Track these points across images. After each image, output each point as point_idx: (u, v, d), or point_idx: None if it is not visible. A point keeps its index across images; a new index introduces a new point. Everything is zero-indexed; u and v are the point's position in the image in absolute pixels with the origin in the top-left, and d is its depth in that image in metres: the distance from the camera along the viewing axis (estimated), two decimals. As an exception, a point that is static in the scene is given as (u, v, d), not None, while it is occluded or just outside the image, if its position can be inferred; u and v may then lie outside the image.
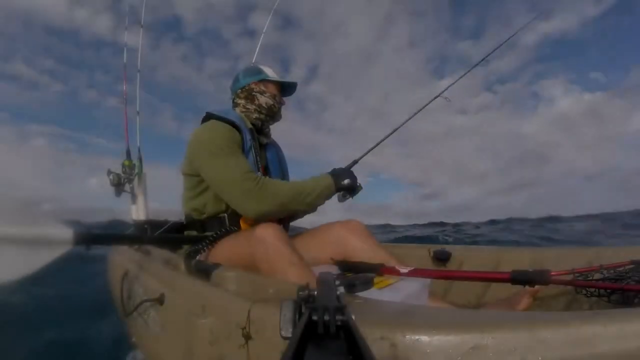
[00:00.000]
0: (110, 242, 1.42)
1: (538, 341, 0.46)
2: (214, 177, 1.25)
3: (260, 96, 1.42)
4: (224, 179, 1.22)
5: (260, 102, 1.42)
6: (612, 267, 0.97)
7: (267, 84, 1.45)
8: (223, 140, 1.25)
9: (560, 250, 1.27)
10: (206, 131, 1.30)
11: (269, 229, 1.07)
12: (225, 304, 0.83)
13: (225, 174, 1.22)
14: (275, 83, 1.46)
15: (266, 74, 1.45)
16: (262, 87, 1.44)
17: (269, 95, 1.43)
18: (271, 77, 1.45)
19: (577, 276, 0.96)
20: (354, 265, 1.17)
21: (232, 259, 1.14)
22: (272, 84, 1.45)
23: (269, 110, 1.43)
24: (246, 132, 1.35)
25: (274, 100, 1.43)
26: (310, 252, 1.27)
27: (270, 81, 1.45)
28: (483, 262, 1.37)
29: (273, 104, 1.43)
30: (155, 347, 1.17)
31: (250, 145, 1.34)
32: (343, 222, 1.30)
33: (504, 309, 1.08)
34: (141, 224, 1.91)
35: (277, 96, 1.45)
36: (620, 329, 0.44)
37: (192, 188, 1.36)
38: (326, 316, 0.30)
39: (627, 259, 0.99)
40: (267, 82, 1.45)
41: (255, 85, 1.44)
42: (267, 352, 0.68)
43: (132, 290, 1.34)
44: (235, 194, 1.21)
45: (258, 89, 1.43)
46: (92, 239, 1.01)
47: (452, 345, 0.49)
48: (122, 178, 2.02)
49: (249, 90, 1.44)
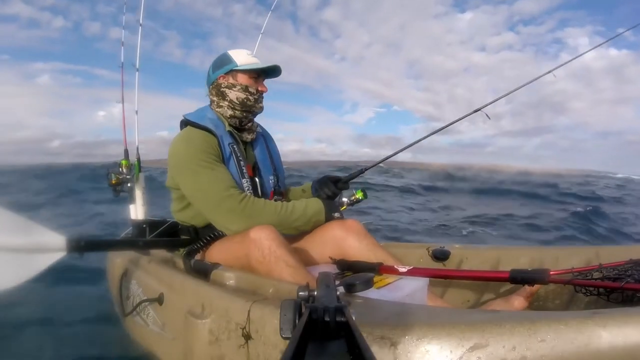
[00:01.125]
0: (104, 249, 1.38)
1: (538, 340, 0.46)
2: (193, 195, 1.19)
3: (230, 91, 1.26)
4: (204, 197, 1.16)
5: (230, 97, 1.26)
6: (611, 266, 0.97)
7: (237, 74, 1.27)
8: (199, 152, 1.16)
9: (559, 249, 1.28)
10: (181, 143, 1.21)
11: (264, 230, 1.05)
12: (225, 304, 0.83)
13: (205, 193, 1.15)
14: (248, 71, 1.27)
15: (234, 63, 1.26)
16: (230, 79, 1.27)
17: (240, 88, 1.26)
18: (240, 65, 1.25)
19: (576, 275, 0.96)
20: (352, 265, 1.17)
21: (228, 260, 1.13)
22: (242, 73, 1.27)
23: (242, 105, 1.27)
24: (224, 137, 1.24)
25: (246, 93, 1.26)
26: (308, 252, 1.27)
27: (239, 70, 1.26)
28: (482, 261, 1.38)
29: (246, 97, 1.26)
30: (154, 347, 1.17)
31: (230, 151, 1.24)
32: (340, 222, 1.28)
33: (503, 308, 1.08)
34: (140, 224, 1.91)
35: (251, 86, 1.27)
36: (620, 328, 0.44)
37: (179, 201, 1.30)
38: (326, 316, 0.30)
39: (626, 258, 0.99)
40: (237, 72, 1.27)
41: (223, 79, 1.27)
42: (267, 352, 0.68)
43: (131, 290, 1.34)
44: (217, 214, 1.16)
45: (226, 84, 1.27)
46: (85, 246, 0.99)
47: (451, 344, 0.49)
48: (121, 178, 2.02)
49: (217, 86, 1.29)
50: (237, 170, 1.24)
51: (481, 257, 1.38)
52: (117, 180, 2.01)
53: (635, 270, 0.92)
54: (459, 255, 1.42)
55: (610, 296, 0.89)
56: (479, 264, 1.38)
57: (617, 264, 0.97)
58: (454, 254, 1.43)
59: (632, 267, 0.94)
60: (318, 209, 1.24)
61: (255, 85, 1.29)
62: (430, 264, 1.46)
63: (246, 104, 1.27)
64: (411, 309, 0.62)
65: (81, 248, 0.98)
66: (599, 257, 1.14)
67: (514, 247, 1.41)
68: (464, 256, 1.42)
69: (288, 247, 1.06)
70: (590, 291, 0.93)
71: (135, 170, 2.10)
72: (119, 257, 1.64)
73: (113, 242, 1.41)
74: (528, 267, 1.19)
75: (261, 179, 1.35)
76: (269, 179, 1.39)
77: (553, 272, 0.94)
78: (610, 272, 0.95)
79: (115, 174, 2.02)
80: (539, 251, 1.29)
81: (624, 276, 0.90)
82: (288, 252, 1.04)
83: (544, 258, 1.25)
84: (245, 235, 1.08)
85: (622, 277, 0.90)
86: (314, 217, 1.24)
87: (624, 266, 0.96)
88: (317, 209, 1.24)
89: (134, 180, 2.09)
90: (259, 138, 1.42)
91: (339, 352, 0.26)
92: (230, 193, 1.14)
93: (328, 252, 1.26)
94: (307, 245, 1.29)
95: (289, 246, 1.08)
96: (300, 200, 1.26)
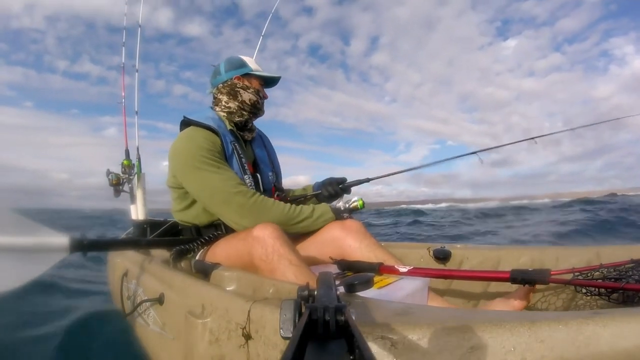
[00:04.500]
0: (106, 248, 1.40)
1: (538, 340, 0.46)
2: (200, 192, 1.21)
3: (244, 92, 1.34)
4: (212, 194, 1.18)
5: (243, 98, 1.34)
6: (612, 266, 0.97)
7: (251, 78, 1.37)
8: (203, 151, 1.18)
9: (560, 249, 1.27)
10: (185, 142, 1.23)
11: (268, 228, 1.06)
12: (225, 304, 0.83)
13: (213, 189, 1.17)
14: (259, 77, 1.38)
15: (250, 67, 1.36)
16: (245, 82, 1.36)
17: (253, 91, 1.35)
18: (255, 71, 1.37)
19: (577, 275, 0.96)
20: (353, 265, 1.17)
21: (230, 258, 1.13)
22: (255, 78, 1.37)
23: (252, 107, 1.36)
24: (227, 136, 1.29)
25: (257, 96, 1.36)
26: (308, 252, 1.27)
27: (254, 75, 1.37)
28: (483, 261, 1.37)
29: (257, 100, 1.36)
30: (155, 347, 1.17)
31: (232, 149, 1.28)
32: (340, 222, 1.28)
33: (503, 308, 1.08)
34: (141, 224, 1.91)
35: (260, 91, 1.38)
36: (620, 328, 0.44)
37: (180, 200, 1.31)
38: (326, 316, 0.30)
39: (627, 258, 0.98)
40: (251, 76, 1.37)
41: (239, 80, 1.35)
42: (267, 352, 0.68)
43: (131, 290, 1.34)
44: (228, 210, 1.17)
45: (242, 85, 1.35)
46: (88, 245, 0.99)
47: (452, 345, 0.49)
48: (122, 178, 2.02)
49: (231, 85, 1.35)
50: (239, 167, 1.28)
51: (482, 257, 1.38)
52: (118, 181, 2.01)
53: (636, 271, 0.91)
54: (459, 255, 1.42)
55: (611, 296, 0.89)
56: (479, 264, 1.38)
57: (618, 264, 0.97)
58: (454, 254, 1.43)
59: (633, 267, 0.94)
60: (325, 210, 1.29)
61: (262, 91, 1.40)
62: (431, 264, 1.46)
63: (256, 106, 1.37)
64: (411, 309, 0.62)
65: (84, 247, 0.98)
66: (600, 257, 1.13)
67: (515, 247, 1.41)
68: (465, 256, 1.42)
69: (291, 246, 1.07)
70: (591, 291, 0.93)
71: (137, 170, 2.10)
72: (119, 258, 1.64)
73: (115, 242, 1.41)
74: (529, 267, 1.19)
75: (262, 175, 1.40)
76: (268, 175, 1.44)
77: (554, 272, 0.94)
78: (611, 272, 0.95)
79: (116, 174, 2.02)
80: (539, 251, 1.29)
81: (625, 276, 0.90)
82: (291, 250, 1.04)
83: (545, 258, 1.24)
84: (249, 232, 1.08)
85: (622, 277, 0.90)
86: (322, 217, 1.27)
87: (624, 266, 0.96)
88: (325, 210, 1.28)
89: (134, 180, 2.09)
90: (257, 138, 1.49)
91: (339, 352, 0.26)
92: (240, 189, 1.17)
93: (328, 252, 1.26)
94: (307, 245, 1.29)
95: (292, 245, 1.09)
96: (308, 205, 1.30)
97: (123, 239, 1.67)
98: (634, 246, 1.13)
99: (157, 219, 2.01)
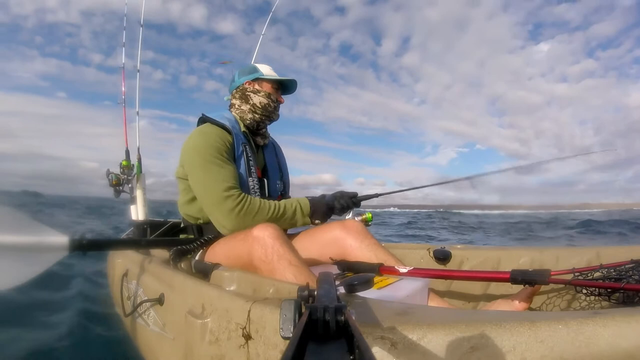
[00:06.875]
0: (106, 248, 1.40)
1: (538, 340, 0.46)
2: (196, 188, 1.26)
3: (254, 95, 1.41)
4: (205, 194, 1.23)
5: (254, 101, 1.41)
6: (612, 266, 0.97)
7: (262, 82, 1.44)
8: (212, 147, 1.24)
9: (560, 250, 1.27)
10: (197, 136, 1.29)
11: (268, 229, 1.06)
12: (225, 304, 0.83)
13: (206, 189, 1.21)
14: (271, 81, 1.45)
15: (260, 72, 1.44)
16: (256, 86, 1.43)
17: (264, 94, 1.41)
18: (265, 75, 1.43)
19: (577, 275, 0.96)
20: (353, 265, 1.17)
21: (230, 258, 1.13)
22: (267, 82, 1.44)
23: (263, 110, 1.42)
24: (239, 137, 1.34)
25: (268, 99, 1.42)
26: (308, 252, 1.27)
27: (265, 79, 1.44)
28: (483, 261, 1.37)
29: (268, 102, 1.42)
30: (155, 347, 1.17)
31: (241, 151, 1.33)
32: (340, 222, 1.29)
33: (503, 308, 1.08)
34: (141, 225, 1.91)
35: (272, 95, 1.43)
36: (620, 328, 0.44)
37: (185, 192, 1.36)
38: (326, 316, 0.30)
39: (627, 258, 0.98)
40: (262, 80, 1.44)
41: (249, 85, 1.43)
42: (267, 352, 0.68)
43: (131, 290, 1.34)
44: (216, 212, 1.21)
45: (252, 88, 1.42)
46: (87, 245, 0.99)
47: (452, 345, 0.49)
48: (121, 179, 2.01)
49: (242, 90, 1.43)
50: (245, 169, 1.32)
51: (482, 258, 1.38)
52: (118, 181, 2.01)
53: (636, 271, 0.91)
54: (459, 256, 1.42)
55: (611, 297, 0.89)
56: (479, 264, 1.38)
57: (618, 264, 0.97)
58: (454, 255, 1.43)
59: (633, 268, 0.94)
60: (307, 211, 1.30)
61: (275, 94, 1.45)
62: (431, 264, 1.46)
63: (267, 109, 1.42)
64: (411, 309, 0.62)
65: (84, 247, 0.98)
66: (600, 258, 1.13)
67: (515, 247, 1.41)
68: (465, 257, 1.42)
69: (291, 246, 1.07)
70: (591, 291, 0.93)
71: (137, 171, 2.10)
72: (119, 258, 1.64)
73: (115, 242, 1.41)
74: (529, 267, 1.19)
75: (269, 181, 1.45)
76: (276, 183, 1.49)
77: (554, 272, 0.94)
78: (611, 273, 0.95)
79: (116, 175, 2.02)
80: (539, 251, 1.29)
81: (625, 276, 0.90)
82: (291, 250, 1.04)
83: (545, 258, 1.24)
84: (248, 233, 1.08)
85: (623, 277, 0.90)
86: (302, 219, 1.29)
87: (625, 266, 0.96)
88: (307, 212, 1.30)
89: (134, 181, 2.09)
90: (270, 146, 1.54)
91: (339, 352, 0.26)
92: (230, 194, 1.19)
93: (329, 252, 1.26)
94: (308, 246, 1.29)
95: (292, 245, 1.09)
96: (292, 199, 1.32)
97: (123, 239, 1.67)
98: (634, 246, 1.13)
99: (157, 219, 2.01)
